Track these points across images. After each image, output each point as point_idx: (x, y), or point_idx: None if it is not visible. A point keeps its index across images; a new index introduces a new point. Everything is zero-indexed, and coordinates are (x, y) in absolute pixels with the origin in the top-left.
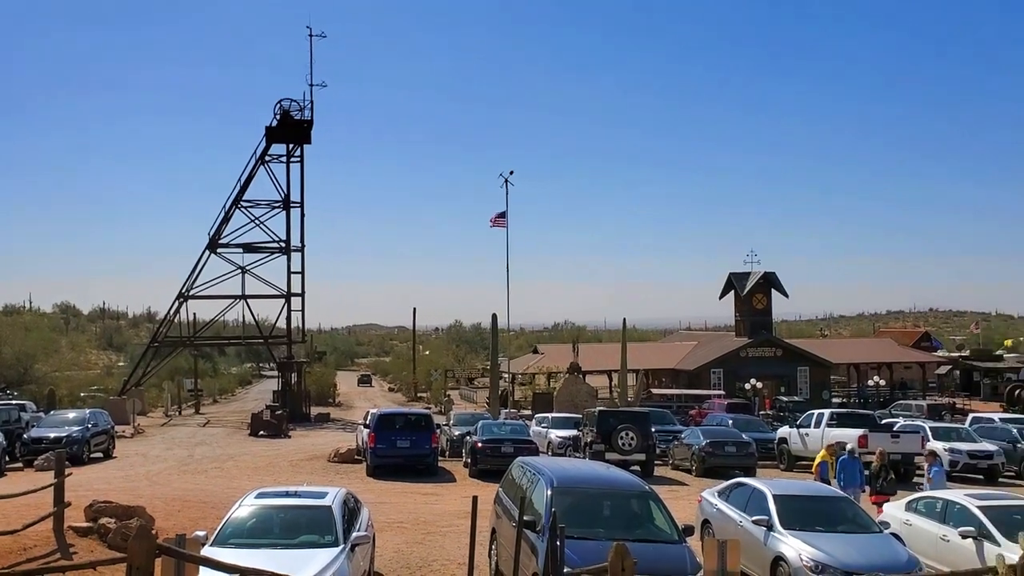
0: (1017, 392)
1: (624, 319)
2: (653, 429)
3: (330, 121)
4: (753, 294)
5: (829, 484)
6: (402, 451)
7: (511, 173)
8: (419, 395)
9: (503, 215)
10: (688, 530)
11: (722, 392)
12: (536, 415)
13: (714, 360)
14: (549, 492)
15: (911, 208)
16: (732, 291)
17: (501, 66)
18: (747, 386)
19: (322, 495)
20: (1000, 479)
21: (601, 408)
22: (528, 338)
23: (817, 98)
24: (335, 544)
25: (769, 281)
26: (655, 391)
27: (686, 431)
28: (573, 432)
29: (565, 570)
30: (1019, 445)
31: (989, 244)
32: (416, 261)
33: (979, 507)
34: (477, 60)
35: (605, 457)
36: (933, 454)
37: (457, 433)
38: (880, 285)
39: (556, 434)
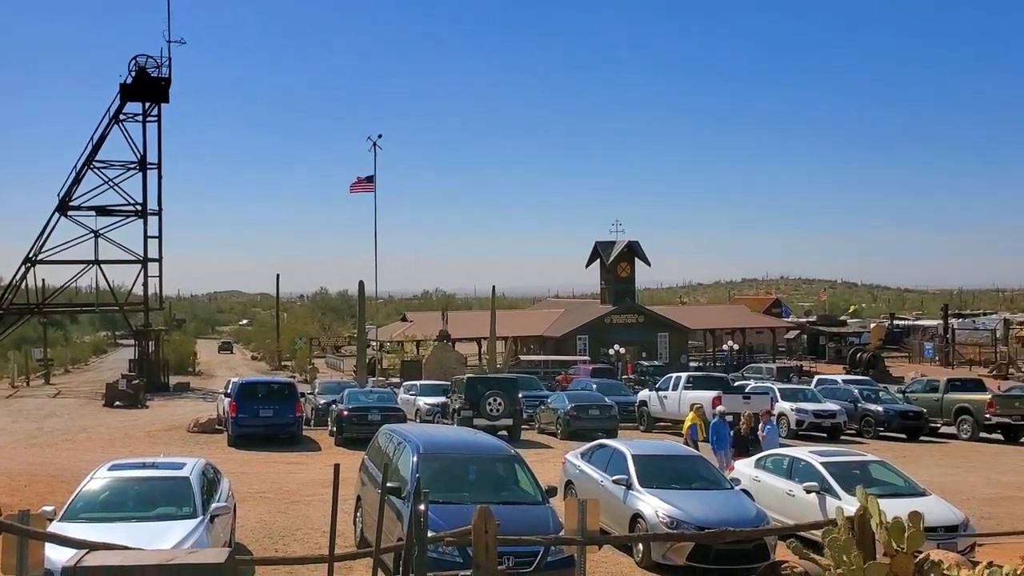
0: (859, 355)
1: (493, 287)
2: (521, 395)
3: (191, 81)
4: (618, 263)
5: (697, 445)
6: (265, 420)
7: (379, 137)
8: (283, 364)
9: (370, 180)
10: (551, 491)
11: (587, 358)
12: (404, 383)
13: (580, 327)
14: (415, 458)
15: (763, 181)
16: (598, 260)
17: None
18: (611, 351)
19: (180, 466)
20: (842, 436)
21: (470, 375)
22: (397, 306)
23: (679, 74)
24: (193, 516)
25: (633, 250)
26: (523, 357)
27: (552, 396)
28: (441, 399)
29: (429, 534)
30: (860, 405)
31: (836, 217)
32: (281, 227)
33: (822, 463)
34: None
35: (473, 423)
36: (768, 413)
37: (322, 402)
38: (736, 254)
39: (424, 401)
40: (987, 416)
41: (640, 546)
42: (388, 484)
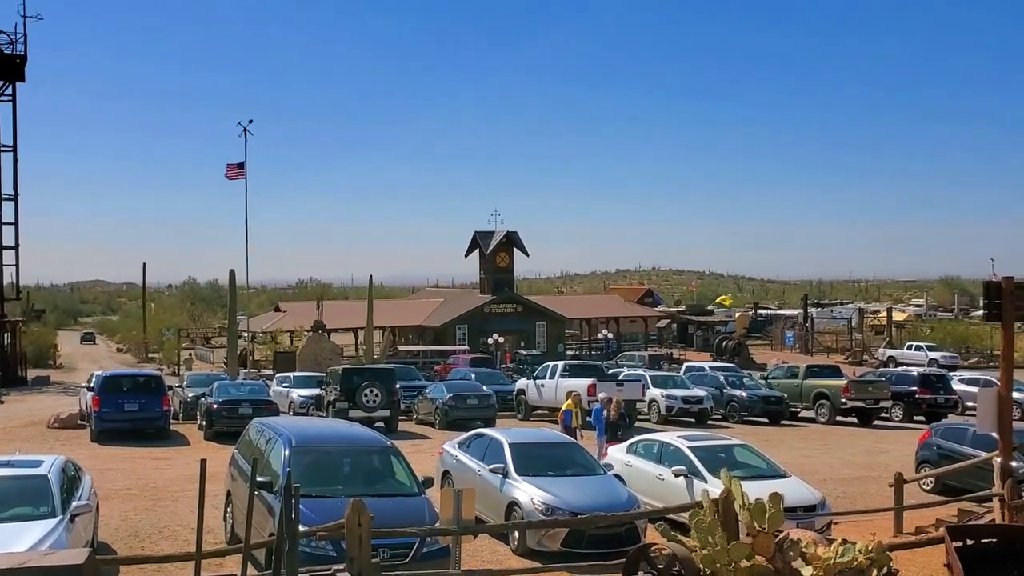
0: (725, 343)
1: (371, 276)
2: (398, 385)
3: (54, 61)
4: (497, 253)
5: (572, 431)
6: (130, 415)
7: (250, 123)
8: (150, 356)
9: (242, 166)
10: (428, 482)
11: (466, 347)
12: (277, 375)
13: (459, 316)
14: (287, 452)
15: (637, 174)
16: (477, 250)
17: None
18: (490, 341)
19: (37, 463)
20: (709, 421)
21: (345, 366)
22: (270, 295)
23: (553, 65)
24: (52, 515)
25: (512, 240)
26: (401, 348)
27: (430, 386)
28: (316, 391)
29: (301, 528)
30: (725, 391)
31: (705, 210)
32: (147, 215)
33: (689, 448)
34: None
35: (349, 415)
36: (609, 399)
37: (191, 395)
38: (611, 246)
39: (298, 393)
40: (843, 401)
41: (516, 534)
42: (258, 478)
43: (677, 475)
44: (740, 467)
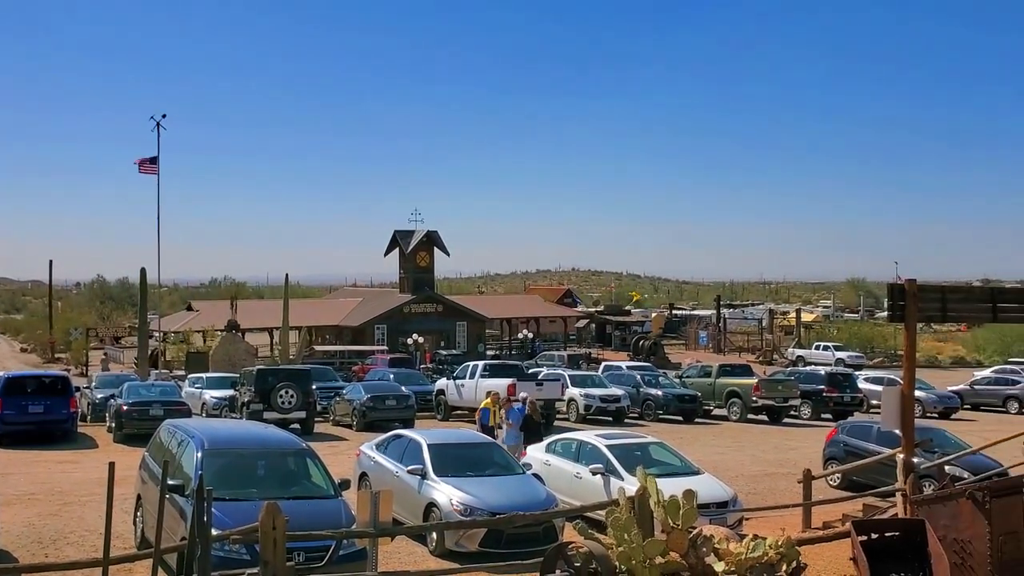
0: (641, 343)
1: (287, 275)
2: (314, 386)
3: None
4: (417, 252)
5: (490, 429)
6: (34, 417)
7: (163, 117)
8: (57, 356)
9: (154, 161)
10: (344, 484)
11: (385, 347)
12: (189, 375)
13: (378, 316)
14: (199, 454)
15: (556, 174)
16: (397, 249)
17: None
18: (409, 341)
19: None
20: (626, 419)
21: (260, 367)
22: (182, 294)
23: (480, 65)
24: None
25: (432, 240)
26: (318, 348)
27: (348, 387)
28: (229, 392)
29: (214, 532)
30: (641, 389)
31: (623, 211)
32: (55, 209)
33: (606, 446)
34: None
35: (263, 417)
36: (509, 400)
37: (100, 396)
38: (531, 246)
39: (211, 395)
40: (754, 399)
41: (434, 534)
42: (170, 481)
43: (595, 473)
44: (656, 465)
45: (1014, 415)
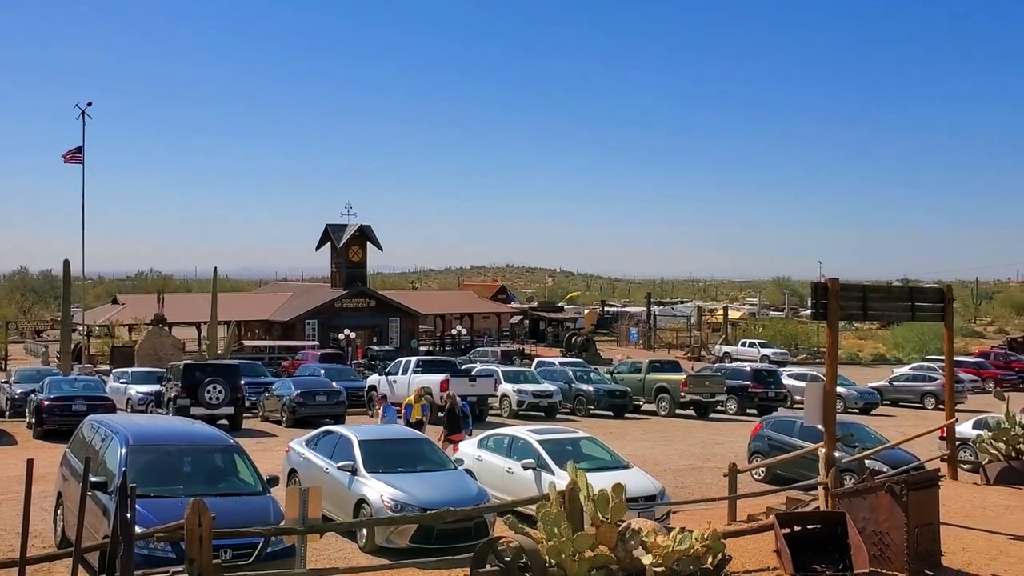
0: (574, 339)
1: (215, 268)
2: (243, 381)
3: None
4: (349, 246)
5: (414, 425)
6: None
7: (88, 105)
8: None
9: (80, 150)
10: (273, 481)
11: (316, 343)
12: (114, 370)
13: (309, 311)
14: (123, 451)
15: (490, 170)
16: (329, 243)
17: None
18: (341, 336)
19: None
20: (558, 415)
21: (187, 361)
22: (108, 287)
23: (417, 57)
24: None
25: (365, 234)
26: (247, 343)
27: (278, 382)
28: (156, 387)
29: (138, 530)
30: (573, 385)
31: (558, 208)
32: None
33: (538, 441)
34: None
35: (191, 412)
36: (384, 397)
37: (20, 391)
38: (466, 242)
39: (136, 390)
40: (682, 394)
41: (364, 531)
42: (92, 479)
43: (526, 468)
44: (586, 459)
45: (931, 411)
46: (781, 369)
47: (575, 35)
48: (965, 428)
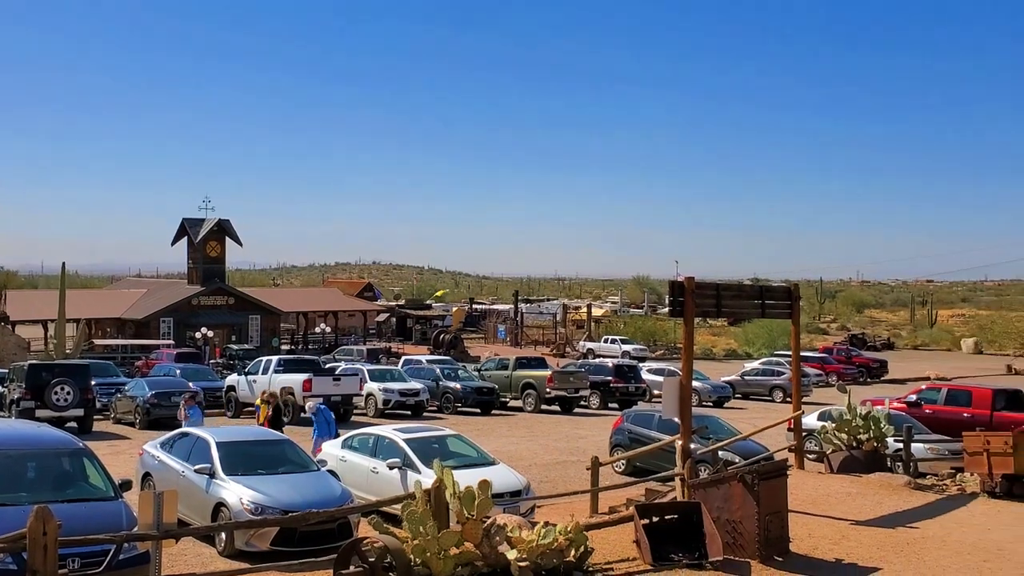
0: (442, 336)
1: (63, 264)
2: (94, 382)
3: None
4: (207, 241)
5: (261, 426)
6: None
7: None
8: None
9: None
10: (126, 485)
11: (172, 342)
12: None
13: (165, 309)
14: None
15: (356, 167)
16: (186, 238)
17: None
18: (198, 335)
19: None
20: (425, 413)
21: (32, 361)
22: None
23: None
24: None
25: (224, 229)
26: (98, 342)
27: (131, 383)
28: None
29: None
30: (441, 383)
31: (424, 208)
32: None
33: (404, 440)
34: None
35: (36, 415)
36: (193, 397)
37: None
38: (332, 239)
39: None
40: (547, 390)
41: (223, 535)
42: None
43: (391, 468)
44: (453, 457)
45: (779, 403)
46: (641, 364)
47: (416, 34)
48: (810, 420)
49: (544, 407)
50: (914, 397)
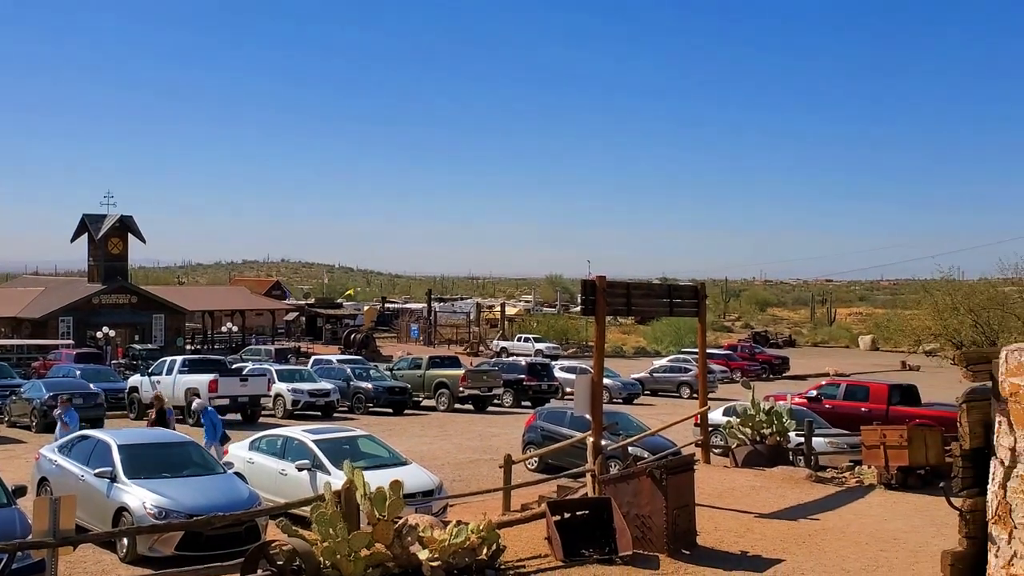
0: (353, 336)
1: None
2: None
3: None
4: (109, 238)
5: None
6: None
7: None
8: None
9: None
10: (20, 491)
11: (71, 342)
12: None
13: (63, 307)
14: None
15: (267, 164)
16: (86, 234)
17: None
18: (99, 335)
19: None
20: (335, 414)
21: None
22: None
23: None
24: None
25: (126, 225)
26: None
27: (27, 384)
28: None
29: None
30: (352, 383)
31: (333, 205)
32: None
33: (313, 441)
34: None
35: None
36: (69, 400)
37: None
38: (238, 236)
39: None
40: (461, 389)
41: (124, 541)
42: None
43: (301, 469)
44: (364, 457)
45: (686, 399)
46: (553, 363)
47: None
48: (716, 415)
49: (457, 406)
50: (814, 392)
